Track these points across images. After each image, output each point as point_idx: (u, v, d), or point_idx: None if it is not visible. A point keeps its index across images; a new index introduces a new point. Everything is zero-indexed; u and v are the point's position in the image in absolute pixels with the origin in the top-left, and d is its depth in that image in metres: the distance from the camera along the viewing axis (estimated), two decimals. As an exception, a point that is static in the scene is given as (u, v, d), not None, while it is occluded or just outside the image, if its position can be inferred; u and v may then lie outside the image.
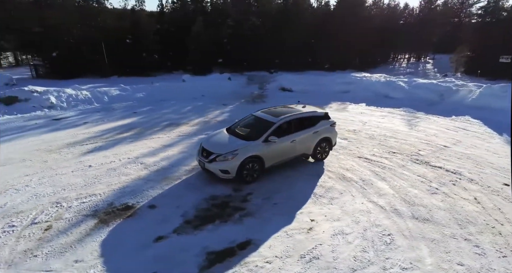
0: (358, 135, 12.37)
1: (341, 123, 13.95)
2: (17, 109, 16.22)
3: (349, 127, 13.40)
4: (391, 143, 11.42)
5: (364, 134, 12.48)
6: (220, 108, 17.28)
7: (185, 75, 25.45)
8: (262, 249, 5.91)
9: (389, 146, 11.12)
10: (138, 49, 30.06)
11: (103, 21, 30.36)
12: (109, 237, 6.17)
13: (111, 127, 13.54)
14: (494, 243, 6.05)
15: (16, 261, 5.47)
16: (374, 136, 12.24)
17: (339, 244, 6.07)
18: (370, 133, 12.60)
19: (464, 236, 6.26)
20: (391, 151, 10.70)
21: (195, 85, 22.45)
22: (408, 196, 7.83)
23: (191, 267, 5.39)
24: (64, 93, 17.90)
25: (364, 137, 12.14)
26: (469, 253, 5.80)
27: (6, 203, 7.30)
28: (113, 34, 29.48)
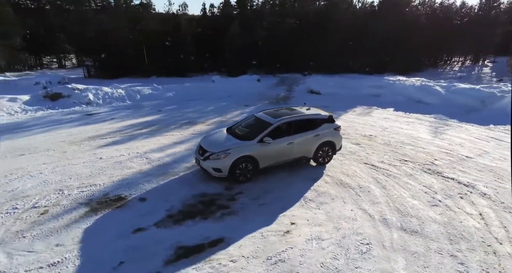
0: (373, 141, 11.79)
1: (359, 128, 13.41)
2: (59, 104, 17.81)
3: (366, 132, 12.83)
4: (406, 151, 10.73)
5: (380, 140, 11.87)
6: (241, 108, 17.47)
7: (215, 76, 26.10)
8: (232, 248, 5.90)
9: (403, 154, 10.46)
10: (176, 51, 31.45)
11: (146, 25, 32.21)
12: (94, 225, 6.56)
13: (133, 123, 14.33)
14: (483, 263, 5.44)
15: (6, 240, 6.03)
16: (390, 142, 11.59)
17: (311, 249, 5.87)
18: (387, 139, 11.95)
19: (451, 252, 5.72)
20: (403, 159, 10.06)
21: (223, 86, 22.94)
22: (404, 206, 7.32)
23: (157, 260, 5.55)
24: (101, 91, 19.29)
25: (378, 143, 11.55)
26: (450, 270, 5.28)
27: (18, 187, 8.08)
28: (155, 37, 31.15)
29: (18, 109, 16.68)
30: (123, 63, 31.02)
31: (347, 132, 12.77)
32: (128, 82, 24.88)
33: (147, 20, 32.69)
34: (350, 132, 12.82)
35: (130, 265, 5.41)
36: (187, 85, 22.37)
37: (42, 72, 35.61)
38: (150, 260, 5.54)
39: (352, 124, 14.05)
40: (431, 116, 15.77)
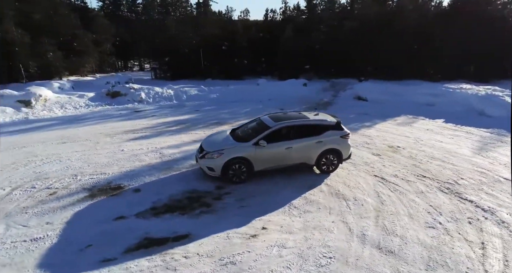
0: (398, 153, 10.78)
1: (390, 138, 12.38)
2: (116, 101, 19.87)
3: (395, 143, 11.77)
4: (431, 166, 9.59)
5: (406, 152, 10.79)
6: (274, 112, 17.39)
7: (261, 79, 26.41)
8: (192, 244, 6.00)
9: (425, 169, 9.37)
10: (232, 55, 32.63)
11: (207, 30, 34.10)
12: (85, 209, 7.23)
13: (168, 121, 15.31)
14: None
15: (12, 214, 7.00)
16: (416, 156, 10.47)
17: (268, 255, 5.67)
18: (415, 152, 10.81)
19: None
20: (422, 174, 9.02)
21: (268, 89, 23.10)
22: (393, 224, 6.61)
23: (120, 247, 5.88)
24: (152, 91, 20.99)
25: (402, 155, 10.52)
26: (406, 301, 4.64)
27: (44, 170, 9.29)
28: (213, 41, 32.77)
29: (83, 104, 19.05)
30: (183, 66, 33.27)
31: (373, 141, 11.89)
32: (184, 83, 26.45)
33: (209, 26, 34.61)
34: (377, 142, 11.91)
35: (95, 249, 5.86)
36: (232, 88, 23.06)
37: (124, 73, 40.06)
38: (114, 246, 5.92)
39: (384, 134, 13.02)
40: (487, 130, 13.78)
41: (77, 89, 23.31)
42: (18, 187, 8.25)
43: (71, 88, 23.67)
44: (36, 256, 5.63)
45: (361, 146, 11.35)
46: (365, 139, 12.13)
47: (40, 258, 5.59)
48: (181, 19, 38.18)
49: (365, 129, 13.57)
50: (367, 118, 15.74)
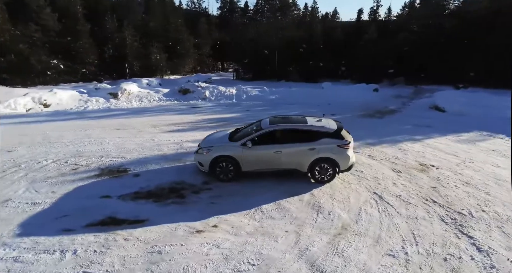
0: (424, 172, 9.23)
1: (430, 155, 10.67)
2: (184, 98, 21.94)
3: (431, 161, 10.07)
4: (453, 192, 7.97)
5: (436, 173, 9.15)
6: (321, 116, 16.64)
7: (325, 82, 25.38)
8: (140, 230, 6.41)
9: (442, 195, 7.84)
10: (309, 57, 32.22)
11: (288, 32, 34.44)
12: (86, 185, 8.38)
13: (214, 117, 16.23)
14: None
15: (37, 181, 8.57)
16: (444, 179, 8.79)
17: (197, 251, 5.72)
18: (447, 174, 9.08)
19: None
20: (434, 200, 7.59)
21: (331, 93, 22.18)
22: (349, 244, 5.86)
23: (85, 221, 6.58)
24: (217, 90, 22.43)
25: (428, 176, 8.97)
26: None
27: (85, 149, 11.02)
28: (292, 43, 32.93)
29: (156, 98, 21.64)
30: (262, 68, 34.39)
31: (406, 157, 10.43)
32: (258, 84, 27.22)
33: (289, 27, 34.90)
34: (410, 158, 10.40)
35: (67, 219, 6.77)
36: (293, 90, 22.88)
37: (218, 73, 43.67)
38: (82, 219, 6.75)
39: (428, 149, 11.26)
40: None
41: (164, 86, 26.40)
42: (57, 161, 10.05)
43: (158, 84, 26.98)
44: (24, 217, 6.88)
45: (386, 160, 10.10)
46: (398, 154, 10.73)
47: (25, 219, 6.80)
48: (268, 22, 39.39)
49: (408, 143, 11.95)
50: (424, 131, 13.80)
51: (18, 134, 13.06)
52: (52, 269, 5.26)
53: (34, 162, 9.90)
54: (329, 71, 32.63)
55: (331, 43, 32.62)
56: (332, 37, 34.15)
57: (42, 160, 10.05)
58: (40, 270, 5.24)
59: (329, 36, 34.03)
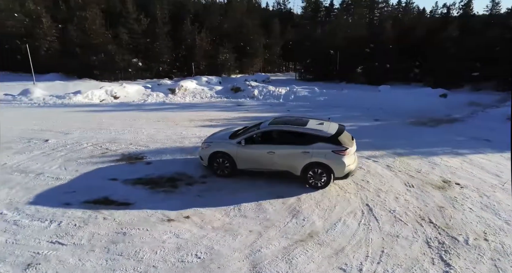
0: (442, 190, 8.08)
1: (466, 173, 9.31)
2: (234, 95, 22.76)
3: (459, 179, 8.73)
4: (461, 215, 6.86)
5: (455, 192, 7.94)
6: (363, 121, 15.62)
7: (383, 86, 23.46)
8: (121, 212, 6.96)
9: (445, 216, 6.81)
10: (375, 57, 30.23)
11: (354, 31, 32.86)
12: (103, 168, 9.40)
13: (250, 116, 16.51)
14: None
15: (71, 160, 9.88)
16: (461, 199, 7.58)
17: (156, 238, 6.07)
18: (469, 195, 7.80)
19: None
20: (431, 220, 6.65)
21: (386, 97, 20.61)
22: (305, 252, 5.67)
23: (84, 198, 7.44)
24: (266, 89, 22.69)
25: (443, 194, 7.84)
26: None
27: (121, 137, 12.29)
28: (357, 43, 31.30)
29: (209, 95, 22.89)
30: (324, 68, 33.50)
31: (429, 171, 9.28)
32: (317, 85, 26.51)
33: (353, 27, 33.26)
34: (434, 172, 9.21)
35: (72, 194, 7.74)
36: (345, 92, 21.84)
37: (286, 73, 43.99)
38: (82, 196, 7.63)
39: (465, 165, 9.80)
40: None
41: (223, 83, 27.72)
42: (94, 144, 11.49)
43: (218, 82, 28.38)
44: (44, 189, 8.09)
45: (403, 173, 9.13)
46: (423, 167, 9.60)
47: (44, 190, 8.00)
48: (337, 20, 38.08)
49: (445, 156, 10.55)
50: (477, 145, 12.04)
51: (82, 120, 15.21)
52: (35, 234, 6.15)
53: (77, 144, 11.47)
54: (399, 73, 30.12)
55: (404, 42, 30.01)
56: (407, 35, 31.40)
57: (84, 143, 11.59)
58: (26, 233, 6.18)
59: (402, 34, 31.35)
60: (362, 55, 30.70)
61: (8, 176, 8.83)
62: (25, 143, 11.59)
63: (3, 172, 9.08)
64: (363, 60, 30.73)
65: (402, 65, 30.28)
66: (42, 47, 28.79)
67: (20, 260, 5.43)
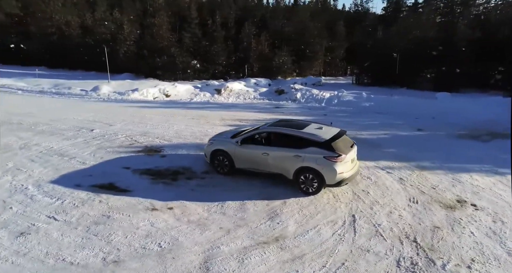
0: (450, 210, 7.15)
1: (495, 194, 8.12)
2: (277, 98, 22.84)
3: (479, 200, 7.63)
4: (456, 238, 6.02)
5: (464, 213, 6.97)
6: (405, 131, 14.40)
7: (442, 93, 21.17)
8: (117, 197, 7.59)
9: (436, 237, 6.05)
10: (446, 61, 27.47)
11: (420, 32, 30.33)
12: (123, 157, 10.28)
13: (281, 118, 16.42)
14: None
15: (101, 148, 11.04)
16: (467, 221, 6.64)
17: (132, 224, 6.56)
18: (481, 217, 6.80)
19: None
20: (416, 239, 5.97)
21: (444, 106, 18.71)
22: (260, 254, 5.62)
23: (93, 182, 8.35)
24: (309, 92, 22.31)
25: (447, 214, 6.96)
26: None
27: (152, 130, 13.26)
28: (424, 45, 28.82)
29: (252, 96, 23.32)
30: (384, 72, 31.55)
31: (448, 189, 8.28)
32: (373, 90, 25.16)
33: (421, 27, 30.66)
34: (452, 190, 8.18)
35: (87, 178, 8.68)
36: (395, 98, 20.32)
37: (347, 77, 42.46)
38: (94, 180, 8.50)
39: (497, 186, 8.50)
40: None
41: (272, 86, 28.03)
42: (127, 136, 12.63)
43: (266, 85, 28.79)
44: (69, 171, 9.15)
45: (414, 187, 8.31)
46: (442, 184, 8.63)
47: (68, 172, 9.06)
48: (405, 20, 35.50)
49: (477, 174, 9.30)
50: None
51: (129, 114, 16.81)
52: (40, 209, 7.10)
53: (114, 135, 12.74)
54: (475, 80, 26.78)
55: (484, 43, 26.68)
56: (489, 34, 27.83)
57: (119, 134, 12.82)
58: (34, 207, 7.16)
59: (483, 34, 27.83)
60: (428, 58, 28.14)
61: (49, 158, 10.23)
62: (75, 131, 13.25)
63: (47, 154, 10.55)
64: (429, 64, 28.15)
65: (479, 70, 26.94)
66: (121, 50, 32.35)
67: (17, 229, 6.34)
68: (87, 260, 5.43)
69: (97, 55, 31.23)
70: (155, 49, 31.27)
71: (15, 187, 8.13)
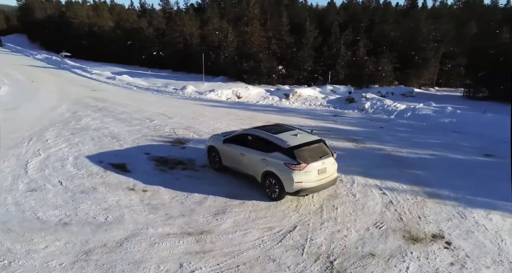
0: (403, 242, 6.00)
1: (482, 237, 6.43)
2: (345, 106, 21.69)
3: (458, 239, 6.15)
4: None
5: (423, 248, 5.75)
6: (465, 155, 12.04)
7: None
8: (116, 175, 9.04)
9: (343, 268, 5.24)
10: None
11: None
12: (153, 145, 11.80)
13: (327, 126, 15.79)
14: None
15: (145, 134, 12.97)
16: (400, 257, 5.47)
17: (102, 198, 7.81)
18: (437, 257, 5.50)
19: None
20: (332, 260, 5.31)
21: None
22: (161, 241, 5.92)
23: (112, 161, 10.03)
24: (380, 103, 20.52)
25: (399, 244, 5.85)
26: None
27: (197, 126, 14.49)
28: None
29: (318, 103, 22.68)
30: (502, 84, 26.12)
31: (437, 222, 6.94)
32: (485, 106, 21.36)
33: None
34: (440, 225, 6.80)
35: (112, 157, 10.42)
36: (488, 116, 16.96)
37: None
38: (115, 160, 10.19)
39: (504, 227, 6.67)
40: None
41: (354, 93, 26.78)
42: (172, 128, 14.25)
43: (345, 92, 27.60)
44: (106, 150, 11.14)
45: (395, 214, 7.30)
46: (434, 215, 7.33)
47: (104, 151, 11.03)
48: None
49: (494, 213, 7.45)
50: None
51: (191, 110, 18.62)
52: (60, 175, 9.00)
53: (164, 126, 14.58)
54: None
55: None
56: None
57: (168, 126, 14.60)
58: (59, 173, 9.13)
59: None
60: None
61: (104, 139, 12.57)
62: (141, 121, 15.64)
63: (105, 136, 12.91)
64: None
65: None
66: (221, 56, 35.87)
67: (34, 185, 8.31)
68: (49, 218, 6.82)
69: (206, 60, 35.37)
70: (245, 54, 33.48)
71: (61, 157, 10.45)
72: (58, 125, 14.35)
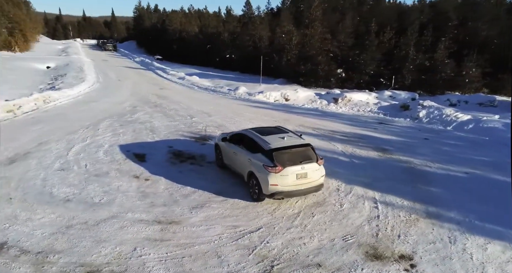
0: (371, 260, 5.51)
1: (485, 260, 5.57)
2: (397, 114, 20.33)
3: (428, 264, 5.41)
4: None
5: (376, 267, 5.24)
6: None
7: None
8: (132, 163, 10.12)
9: None
10: None
11: None
12: (179, 139, 12.74)
13: (360, 133, 14.92)
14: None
15: (178, 129, 14.09)
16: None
17: (109, 182, 8.79)
18: None
19: None
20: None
21: None
22: (130, 226, 6.51)
23: (136, 151, 11.22)
24: (438, 112, 18.63)
25: (355, 259, 5.43)
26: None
27: (229, 126, 15.14)
28: None
29: (368, 109, 21.55)
30: None
31: (412, 244, 6.20)
32: None
33: None
34: (412, 248, 6.06)
35: (139, 147, 11.62)
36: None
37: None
38: (141, 150, 11.34)
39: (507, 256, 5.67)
40: None
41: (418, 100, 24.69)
42: (205, 126, 15.11)
43: (407, 99, 25.52)
44: (138, 140, 12.45)
45: (373, 229, 6.83)
46: (417, 236, 6.62)
47: (137, 141, 12.38)
48: None
49: (496, 243, 6.37)
50: None
51: (233, 110, 19.35)
52: (89, 159, 10.35)
53: (198, 123, 15.48)
54: None
55: None
56: None
57: (202, 124, 15.52)
58: (90, 157, 10.51)
59: None
60: None
61: (143, 131, 13.96)
62: (183, 117, 16.92)
63: (146, 129, 14.30)
64: None
65: None
66: (284, 58, 36.27)
67: (64, 166, 9.77)
68: (59, 194, 8.00)
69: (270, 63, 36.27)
70: (303, 57, 33.20)
71: (100, 144, 11.98)
72: (114, 117, 16.32)
